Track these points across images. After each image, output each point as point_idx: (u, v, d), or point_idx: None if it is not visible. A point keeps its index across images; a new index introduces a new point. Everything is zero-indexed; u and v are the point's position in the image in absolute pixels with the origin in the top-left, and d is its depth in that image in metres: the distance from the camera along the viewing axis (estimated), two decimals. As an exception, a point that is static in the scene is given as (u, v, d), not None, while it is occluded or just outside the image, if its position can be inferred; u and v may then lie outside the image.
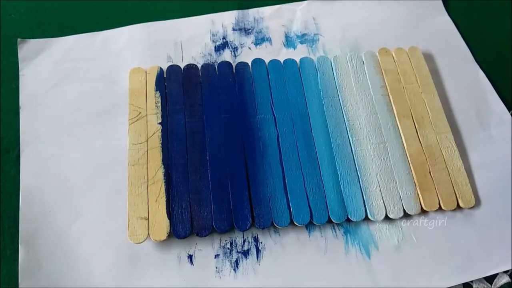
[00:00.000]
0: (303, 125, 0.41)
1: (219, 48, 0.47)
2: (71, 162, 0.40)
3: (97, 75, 0.44)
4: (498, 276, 0.37)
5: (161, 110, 0.41)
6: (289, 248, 0.37)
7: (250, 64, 0.45)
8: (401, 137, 0.41)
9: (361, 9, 0.50)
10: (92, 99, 0.43)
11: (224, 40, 0.47)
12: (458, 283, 0.36)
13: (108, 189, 0.39)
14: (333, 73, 0.44)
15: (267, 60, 0.45)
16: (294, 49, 0.47)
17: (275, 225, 0.37)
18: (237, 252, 0.37)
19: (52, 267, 0.36)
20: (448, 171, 0.40)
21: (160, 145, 0.39)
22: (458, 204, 0.39)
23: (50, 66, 0.45)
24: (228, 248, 0.37)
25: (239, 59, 0.46)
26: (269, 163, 0.39)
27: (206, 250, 0.37)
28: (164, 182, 0.38)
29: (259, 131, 0.41)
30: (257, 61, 0.45)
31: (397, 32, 0.48)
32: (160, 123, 0.40)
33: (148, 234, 0.36)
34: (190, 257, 0.37)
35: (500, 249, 0.38)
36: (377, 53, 0.46)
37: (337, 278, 0.36)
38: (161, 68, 0.43)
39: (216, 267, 0.36)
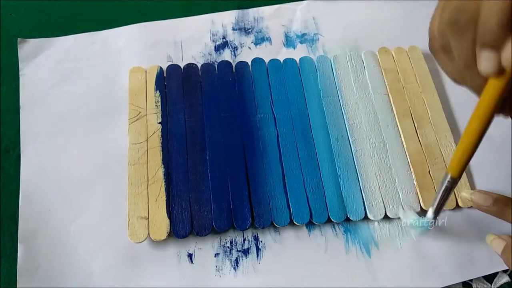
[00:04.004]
0: (303, 124, 0.41)
1: (219, 48, 0.47)
2: (71, 161, 0.40)
3: (97, 75, 0.44)
4: (497, 276, 0.37)
5: (161, 110, 0.41)
6: (289, 246, 0.37)
7: (250, 63, 0.45)
8: (400, 137, 0.41)
9: (361, 9, 0.50)
10: (92, 98, 0.43)
11: (224, 40, 0.47)
12: (458, 282, 0.36)
13: (108, 188, 0.39)
14: (333, 73, 0.45)
15: (267, 60, 0.45)
16: (294, 48, 0.47)
17: (275, 224, 0.37)
18: (237, 251, 0.37)
19: (51, 266, 0.36)
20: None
21: (160, 144, 0.39)
22: (457, 204, 0.39)
23: (50, 65, 0.45)
24: (228, 247, 0.37)
25: (239, 58, 0.46)
26: (269, 162, 0.39)
27: (206, 249, 0.37)
28: (164, 181, 0.38)
29: (259, 131, 0.41)
30: (257, 61, 0.45)
31: (397, 32, 0.48)
32: (160, 123, 0.40)
33: (148, 233, 0.36)
34: (190, 256, 0.37)
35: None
36: (376, 53, 0.46)
37: (338, 277, 0.36)
38: (161, 68, 0.43)
39: (216, 266, 0.36)
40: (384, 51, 0.46)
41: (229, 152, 0.39)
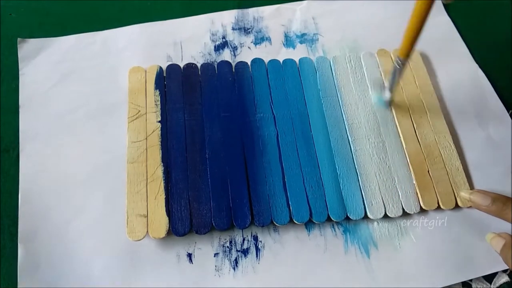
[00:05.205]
0: (303, 124, 0.41)
1: (218, 48, 0.47)
2: (71, 160, 0.40)
3: (97, 75, 0.44)
4: (497, 275, 0.37)
5: (161, 109, 0.41)
6: (288, 246, 0.37)
7: (249, 63, 0.45)
8: (400, 137, 0.42)
9: (360, 9, 0.50)
10: (91, 98, 0.43)
11: (224, 40, 0.47)
12: (457, 282, 0.36)
13: (107, 187, 0.39)
14: (332, 73, 0.45)
15: (266, 60, 0.45)
16: (294, 48, 0.47)
17: (275, 223, 0.37)
18: (237, 250, 0.37)
19: (51, 265, 0.36)
20: (446, 170, 0.40)
21: (160, 143, 0.39)
22: (456, 204, 0.39)
23: (50, 65, 0.45)
24: (228, 247, 0.37)
25: (239, 58, 0.46)
26: (269, 161, 0.39)
27: (206, 248, 0.37)
28: (163, 180, 0.38)
29: (259, 130, 0.41)
30: (257, 61, 0.45)
31: (396, 32, 0.48)
32: (159, 121, 0.40)
33: (147, 231, 0.36)
34: (190, 255, 0.37)
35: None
36: (375, 54, 0.46)
37: (337, 277, 0.36)
38: (160, 67, 0.43)
39: (216, 266, 0.36)
40: (383, 52, 0.46)
41: (228, 151, 0.39)
